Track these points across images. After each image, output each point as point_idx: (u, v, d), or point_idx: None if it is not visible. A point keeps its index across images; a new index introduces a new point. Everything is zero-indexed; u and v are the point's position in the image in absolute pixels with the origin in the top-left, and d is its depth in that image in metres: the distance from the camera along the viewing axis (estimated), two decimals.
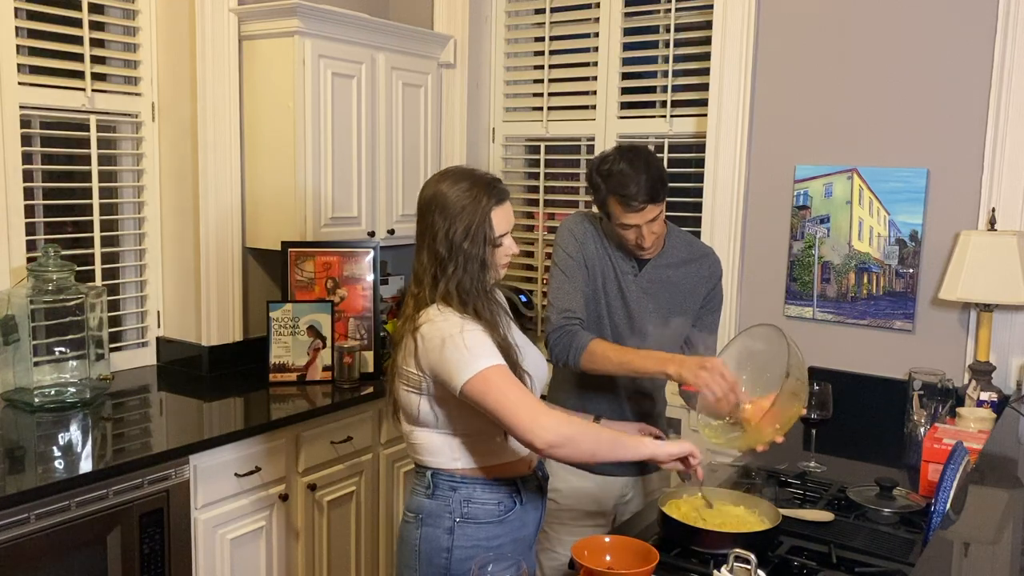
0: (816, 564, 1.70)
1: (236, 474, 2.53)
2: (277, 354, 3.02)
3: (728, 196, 3.06)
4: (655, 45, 3.38)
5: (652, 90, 3.39)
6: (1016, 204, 2.61)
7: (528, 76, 3.72)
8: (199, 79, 2.96)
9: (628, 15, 3.41)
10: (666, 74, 3.32)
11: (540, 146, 3.68)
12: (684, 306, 2.26)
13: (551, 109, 3.64)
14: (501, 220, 1.79)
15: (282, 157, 3.06)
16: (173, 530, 2.37)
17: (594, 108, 3.50)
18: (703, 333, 2.31)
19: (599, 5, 3.45)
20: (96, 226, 2.95)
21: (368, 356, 3.12)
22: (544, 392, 2.07)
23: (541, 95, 3.66)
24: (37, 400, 2.59)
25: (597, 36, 3.47)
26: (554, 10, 3.59)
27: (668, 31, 3.31)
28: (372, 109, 3.26)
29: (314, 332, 3.04)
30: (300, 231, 3.07)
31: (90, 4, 2.85)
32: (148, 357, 3.17)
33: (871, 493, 2.03)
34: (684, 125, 3.29)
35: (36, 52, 2.76)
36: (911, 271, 2.80)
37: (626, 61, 3.43)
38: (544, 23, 3.62)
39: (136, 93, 3.04)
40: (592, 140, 3.52)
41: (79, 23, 2.83)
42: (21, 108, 2.70)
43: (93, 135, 2.91)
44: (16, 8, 2.67)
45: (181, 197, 3.08)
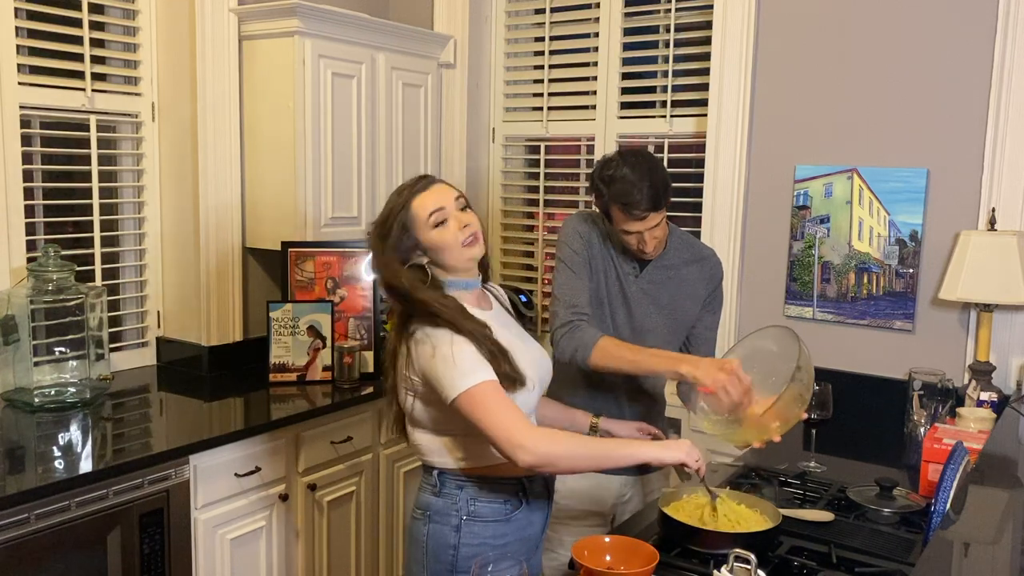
0: (816, 564, 1.71)
1: (236, 474, 2.53)
2: (277, 354, 3.02)
3: (728, 196, 3.06)
4: (655, 45, 3.38)
5: (652, 90, 3.39)
6: (1016, 204, 2.61)
7: (528, 76, 3.72)
8: (199, 79, 2.96)
9: (628, 15, 3.41)
10: (666, 74, 3.32)
11: (540, 146, 3.68)
12: (685, 307, 2.26)
13: (551, 109, 3.64)
14: (425, 201, 1.75)
15: (282, 157, 3.06)
16: (173, 530, 2.37)
17: (594, 108, 3.50)
18: (703, 334, 2.32)
19: (599, 5, 3.45)
20: (96, 226, 2.95)
21: (368, 356, 3.12)
22: (544, 392, 2.07)
23: (541, 95, 3.66)
24: (37, 400, 2.59)
25: (597, 36, 3.47)
26: (554, 10, 3.59)
27: (668, 31, 3.31)
28: (372, 109, 3.26)
29: (314, 332, 3.04)
30: (300, 231, 3.07)
31: (90, 4, 2.85)
32: (148, 357, 3.17)
33: (871, 493, 2.03)
34: (684, 125, 3.29)
35: (36, 52, 2.76)
36: (911, 271, 2.80)
37: (626, 61, 3.43)
38: (544, 23, 3.62)
39: (136, 93, 3.04)
40: (592, 140, 3.53)
41: (79, 23, 2.83)
42: (21, 108, 2.70)
43: (93, 135, 2.91)
44: (16, 8, 2.67)
45: (181, 197, 3.08)
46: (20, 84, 2.69)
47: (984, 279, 2.53)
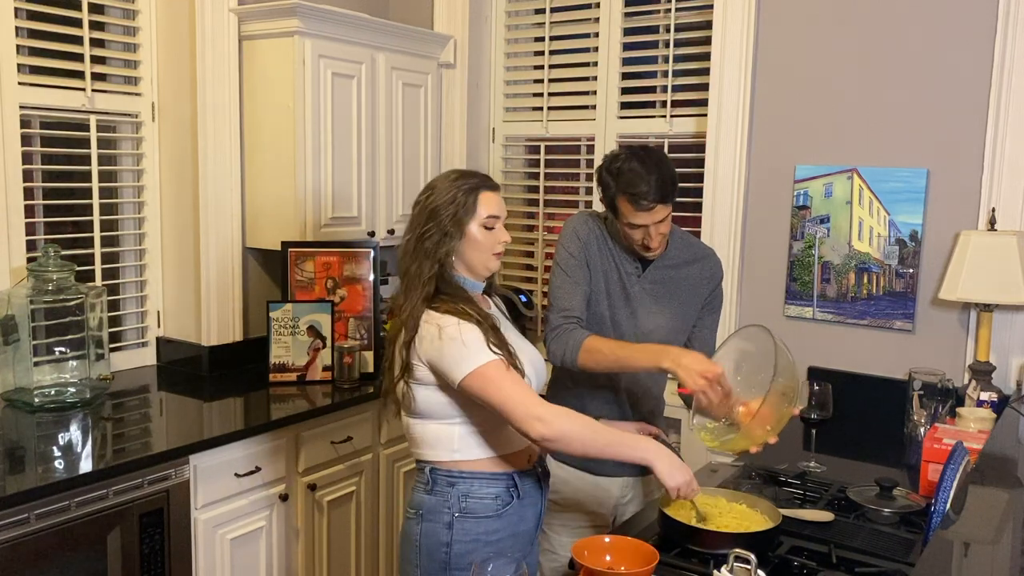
0: (816, 564, 1.71)
1: (236, 474, 2.53)
2: (277, 354, 3.02)
3: (728, 196, 3.06)
4: (655, 45, 3.38)
5: (652, 90, 3.38)
6: (1016, 204, 2.61)
7: (528, 76, 3.72)
8: (199, 79, 2.96)
9: (628, 15, 3.41)
10: (666, 74, 3.32)
11: (540, 146, 3.68)
12: (686, 306, 2.26)
13: (551, 109, 3.63)
14: (490, 202, 1.81)
15: (282, 157, 3.06)
16: (173, 530, 2.37)
17: (594, 108, 3.50)
18: (704, 333, 2.32)
19: (599, 5, 3.45)
20: (96, 226, 2.95)
21: (368, 356, 3.12)
22: (543, 392, 2.07)
23: (541, 95, 3.66)
24: (37, 400, 2.59)
25: (597, 36, 3.47)
26: (554, 10, 3.59)
27: (668, 31, 3.31)
28: (372, 109, 3.26)
29: (314, 332, 3.04)
30: (300, 231, 3.07)
31: (90, 4, 2.85)
32: (148, 357, 3.17)
33: (871, 493, 2.03)
34: (684, 125, 3.28)
35: (36, 52, 2.76)
36: (911, 271, 2.80)
37: (626, 61, 3.43)
38: (544, 23, 3.62)
39: (136, 93, 3.04)
40: (592, 140, 3.52)
41: (79, 23, 2.83)
42: (21, 108, 2.70)
43: (93, 135, 2.91)
44: (16, 8, 2.67)
45: (181, 197, 3.08)
46: (20, 84, 2.69)
47: (984, 279, 2.53)
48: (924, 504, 1.95)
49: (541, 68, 3.65)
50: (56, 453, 2.30)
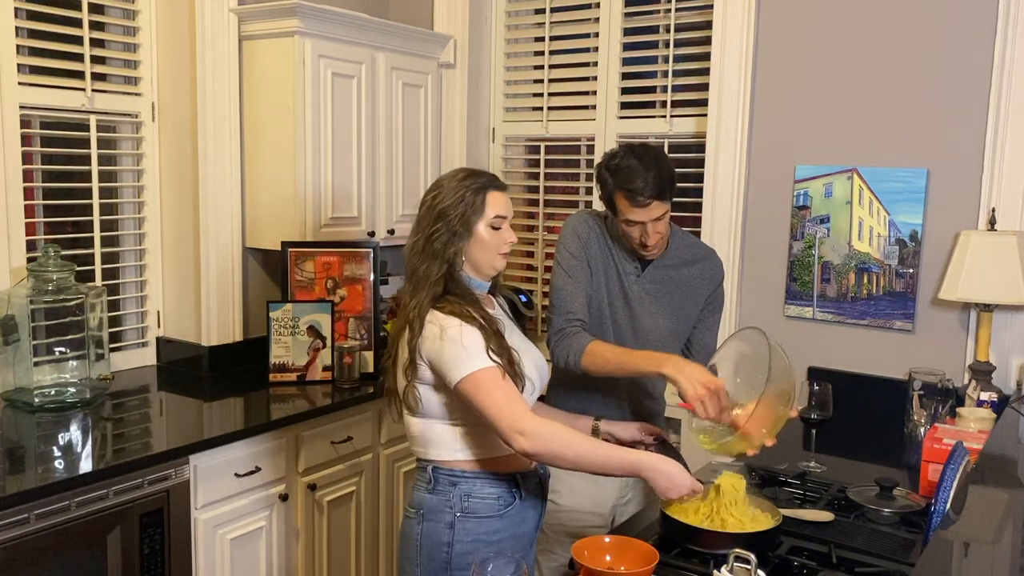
0: (816, 564, 1.70)
1: (236, 474, 2.53)
2: (277, 354, 3.02)
3: (728, 196, 3.06)
4: (655, 45, 3.38)
5: (652, 90, 3.39)
6: (1016, 204, 2.61)
7: (528, 76, 3.72)
8: (199, 79, 2.96)
9: (628, 15, 3.41)
10: (666, 74, 3.32)
11: (540, 146, 3.68)
12: (686, 307, 2.26)
13: (551, 109, 3.63)
14: (498, 202, 1.82)
15: (282, 157, 3.06)
16: (173, 530, 2.37)
17: (594, 108, 3.50)
18: (704, 334, 2.32)
19: (599, 5, 3.45)
20: (96, 226, 2.95)
21: (368, 356, 3.12)
22: (543, 392, 2.07)
23: (541, 95, 3.66)
24: (37, 400, 2.59)
25: (597, 36, 3.47)
26: (554, 10, 3.59)
27: (668, 31, 3.31)
28: (372, 109, 3.26)
29: (314, 332, 3.04)
30: (300, 231, 3.07)
31: (90, 4, 2.85)
32: (148, 357, 3.17)
33: (871, 493, 2.03)
34: (684, 125, 3.28)
35: (36, 52, 2.76)
36: (911, 271, 2.80)
37: (626, 61, 3.43)
38: (544, 23, 3.62)
39: (136, 93, 3.04)
40: (592, 140, 3.52)
41: (79, 23, 2.83)
42: (21, 108, 2.70)
43: (93, 135, 2.91)
44: (16, 8, 2.67)
45: (181, 197, 3.08)
46: (20, 84, 2.69)
47: (984, 279, 2.53)
48: (924, 504, 1.95)
49: (541, 68, 3.65)
50: (56, 453, 2.30)
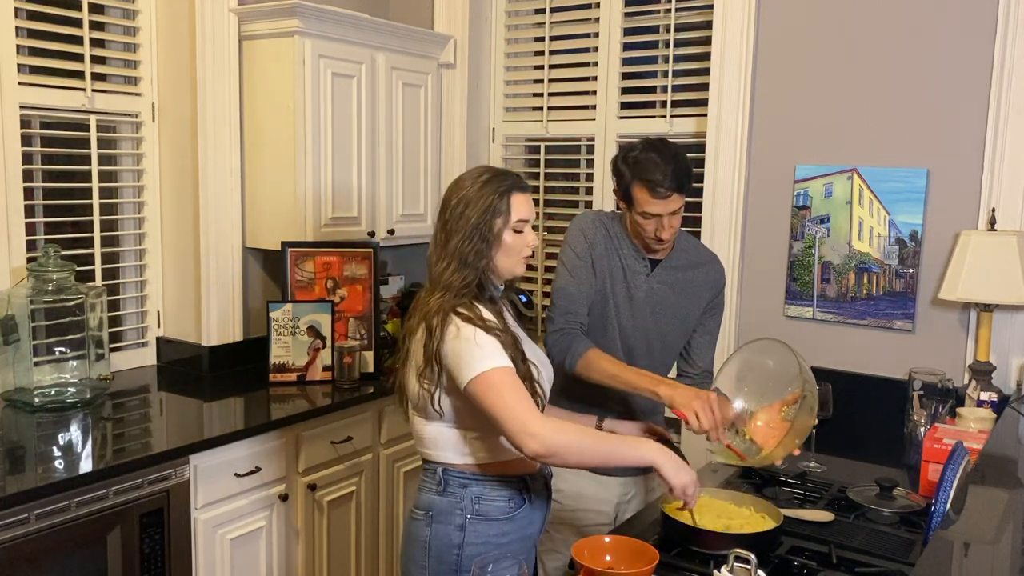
0: (816, 564, 1.71)
1: (236, 474, 2.53)
2: (277, 354, 3.02)
3: (728, 196, 3.06)
4: (655, 45, 3.38)
5: (652, 90, 3.38)
6: (1016, 204, 2.61)
7: (528, 76, 3.72)
8: (199, 79, 2.96)
9: (628, 15, 3.41)
10: (666, 74, 3.32)
11: (540, 146, 3.68)
12: (688, 309, 2.26)
13: (551, 109, 3.63)
14: (521, 205, 1.77)
15: (282, 157, 3.06)
16: (173, 530, 2.37)
17: (594, 108, 3.50)
18: (703, 339, 2.32)
19: (599, 5, 3.45)
20: (96, 226, 2.95)
21: (368, 356, 3.12)
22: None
23: (541, 95, 3.66)
24: (37, 400, 2.59)
25: (597, 36, 3.47)
26: (554, 10, 3.59)
27: (668, 31, 3.30)
28: (372, 109, 3.26)
29: (314, 332, 3.04)
30: (300, 231, 3.07)
31: (90, 4, 2.85)
32: (148, 357, 3.17)
33: (871, 493, 2.03)
34: (684, 125, 3.28)
35: (36, 52, 2.76)
36: (911, 271, 2.80)
37: (626, 61, 3.43)
38: (544, 23, 3.62)
39: (136, 93, 3.04)
40: (592, 140, 3.52)
41: (79, 23, 2.83)
42: (21, 108, 2.70)
43: (93, 135, 2.91)
44: (16, 8, 2.67)
45: (181, 197, 3.08)
46: (20, 84, 2.69)
47: (984, 279, 2.53)
48: (924, 504, 1.95)
49: (541, 68, 3.65)
50: (56, 453, 2.30)
